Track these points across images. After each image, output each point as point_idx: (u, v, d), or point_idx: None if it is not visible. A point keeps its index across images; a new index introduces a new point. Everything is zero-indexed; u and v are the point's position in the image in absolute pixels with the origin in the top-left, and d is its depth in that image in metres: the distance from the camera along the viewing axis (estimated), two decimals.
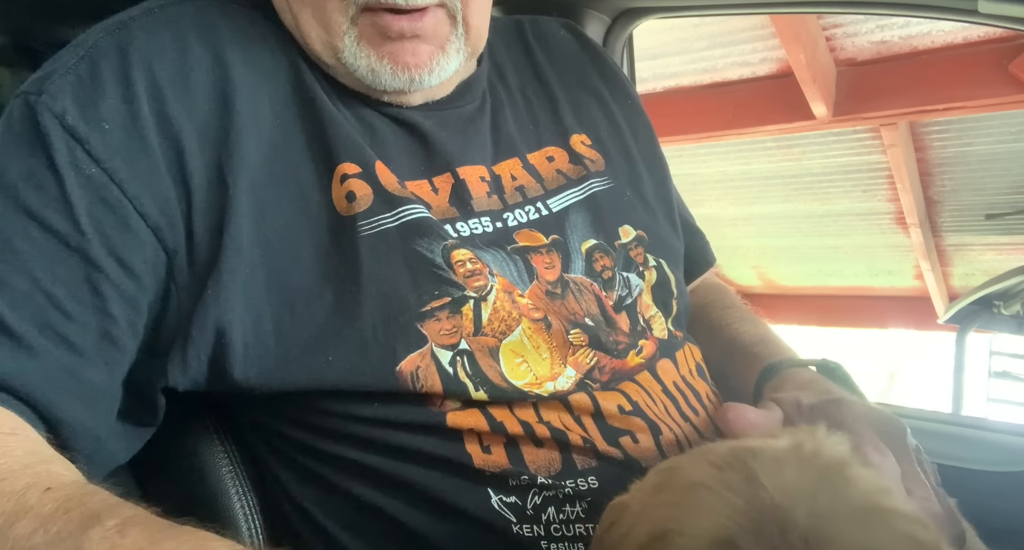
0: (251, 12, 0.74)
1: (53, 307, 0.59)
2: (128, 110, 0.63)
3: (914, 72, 3.22)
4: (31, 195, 0.60)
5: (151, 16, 0.68)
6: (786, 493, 0.41)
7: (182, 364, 0.64)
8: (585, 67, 0.94)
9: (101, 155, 0.61)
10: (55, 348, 0.59)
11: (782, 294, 6.03)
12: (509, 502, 0.64)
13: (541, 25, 0.96)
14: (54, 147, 0.61)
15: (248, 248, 0.64)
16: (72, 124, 0.61)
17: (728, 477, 0.43)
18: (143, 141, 0.63)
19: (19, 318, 0.58)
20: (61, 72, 0.63)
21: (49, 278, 0.59)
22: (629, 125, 0.92)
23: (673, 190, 0.96)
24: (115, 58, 0.64)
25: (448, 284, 0.67)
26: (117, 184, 0.61)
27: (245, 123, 0.66)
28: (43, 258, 0.59)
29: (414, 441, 0.66)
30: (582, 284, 0.75)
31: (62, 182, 0.60)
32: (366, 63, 0.70)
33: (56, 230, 0.60)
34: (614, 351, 0.73)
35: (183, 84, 0.65)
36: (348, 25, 0.69)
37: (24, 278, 0.59)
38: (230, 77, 0.67)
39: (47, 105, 0.61)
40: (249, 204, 0.65)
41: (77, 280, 0.60)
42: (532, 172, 0.81)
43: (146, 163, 0.63)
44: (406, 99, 0.76)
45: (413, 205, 0.69)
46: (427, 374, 0.64)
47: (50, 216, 0.60)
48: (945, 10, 1.06)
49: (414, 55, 0.70)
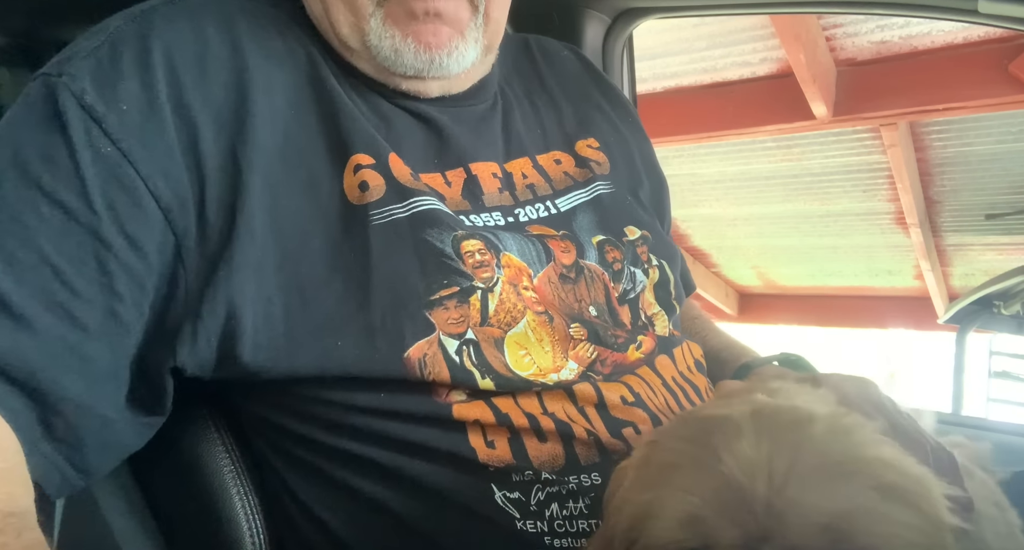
0: (271, 6, 0.76)
1: (59, 282, 0.60)
2: (146, 94, 0.64)
3: (914, 72, 3.22)
4: (45, 171, 0.61)
5: (172, 6, 0.70)
6: (744, 466, 0.42)
7: (192, 344, 0.64)
8: (588, 84, 0.98)
9: (117, 134, 0.62)
10: (59, 324, 0.59)
11: (782, 294, 6.04)
12: (513, 498, 0.65)
13: (545, 43, 1.01)
14: (71, 125, 0.61)
15: (260, 233, 0.65)
16: (90, 103, 0.62)
17: (697, 453, 0.44)
18: (159, 124, 0.64)
19: (24, 294, 0.58)
20: (82, 55, 0.65)
21: (57, 253, 0.60)
22: (633, 139, 0.96)
23: (668, 210, 1.00)
24: (135, 44, 0.66)
25: (457, 274, 0.68)
26: (131, 163, 0.62)
27: (260, 111, 0.68)
28: (52, 234, 0.60)
29: (419, 434, 0.66)
30: (595, 272, 0.78)
31: (77, 159, 0.61)
32: (390, 43, 0.73)
33: (67, 206, 0.61)
34: (613, 345, 0.74)
35: (200, 72, 0.67)
36: (374, 7, 0.72)
37: (32, 252, 0.59)
38: (247, 67, 0.69)
39: (66, 84, 0.62)
40: (262, 190, 0.66)
41: (85, 256, 0.61)
42: (541, 172, 0.83)
43: (161, 145, 0.64)
44: (423, 88, 0.78)
45: (425, 196, 0.71)
46: (434, 361, 0.65)
47: (62, 192, 0.60)
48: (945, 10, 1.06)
49: (435, 35, 0.73)
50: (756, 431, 0.44)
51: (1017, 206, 4.05)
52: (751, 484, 0.41)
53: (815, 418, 0.45)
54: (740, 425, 0.45)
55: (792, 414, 0.45)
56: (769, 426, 0.44)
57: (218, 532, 0.72)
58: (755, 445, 0.43)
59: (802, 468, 0.42)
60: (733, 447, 0.43)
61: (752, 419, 0.45)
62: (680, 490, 0.43)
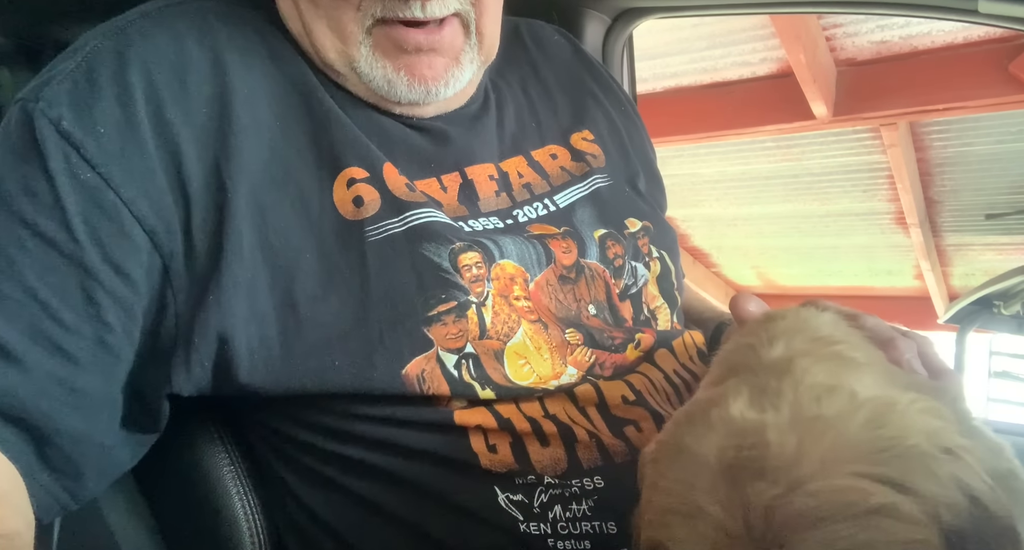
0: (252, 13, 0.73)
1: (47, 316, 0.59)
2: (124, 113, 0.62)
3: (914, 72, 3.22)
4: (25, 203, 0.59)
5: (148, 19, 0.67)
6: (725, 468, 0.42)
7: (186, 371, 0.64)
8: (580, 71, 0.96)
9: (96, 159, 0.60)
10: (49, 358, 0.58)
11: (782, 294, 6.03)
12: (516, 500, 0.64)
13: (536, 28, 0.97)
14: (49, 153, 0.60)
15: (248, 252, 0.64)
16: (67, 129, 0.60)
17: (688, 499, 0.44)
18: (139, 145, 0.62)
19: (12, 329, 0.57)
20: (59, 78, 0.63)
21: (43, 287, 0.59)
22: (625, 127, 0.94)
23: (664, 198, 0.98)
24: (112, 62, 0.64)
25: (455, 288, 0.67)
26: (112, 188, 0.61)
27: (243, 125, 0.66)
28: (37, 267, 0.59)
29: (421, 440, 0.66)
30: (596, 270, 0.77)
31: (56, 189, 0.60)
32: (382, 74, 0.70)
33: (50, 238, 0.59)
34: (611, 347, 0.74)
35: (181, 87, 0.65)
36: (363, 35, 0.69)
37: (18, 287, 0.58)
38: (228, 79, 0.67)
39: (43, 111, 0.61)
40: (248, 207, 0.64)
41: (71, 288, 0.60)
42: (538, 169, 0.82)
43: (142, 167, 0.62)
44: (419, 111, 0.76)
45: (421, 208, 0.69)
46: (432, 377, 0.65)
47: (44, 224, 0.59)
48: (945, 10, 1.06)
49: (430, 68, 0.71)
50: (713, 426, 0.44)
51: (1017, 206, 4.05)
52: (738, 488, 0.41)
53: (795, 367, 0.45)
54: (709, 423, 0.45)
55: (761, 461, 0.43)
56: (724, 417, 0.44)
57: (218, 532, 0.72)
58: (722, 439, 0.43)
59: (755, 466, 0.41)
60: (707, 448, 0.43)
61: (716, 414, 0.45)
62: (695, 518, 0.43)
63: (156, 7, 0.69)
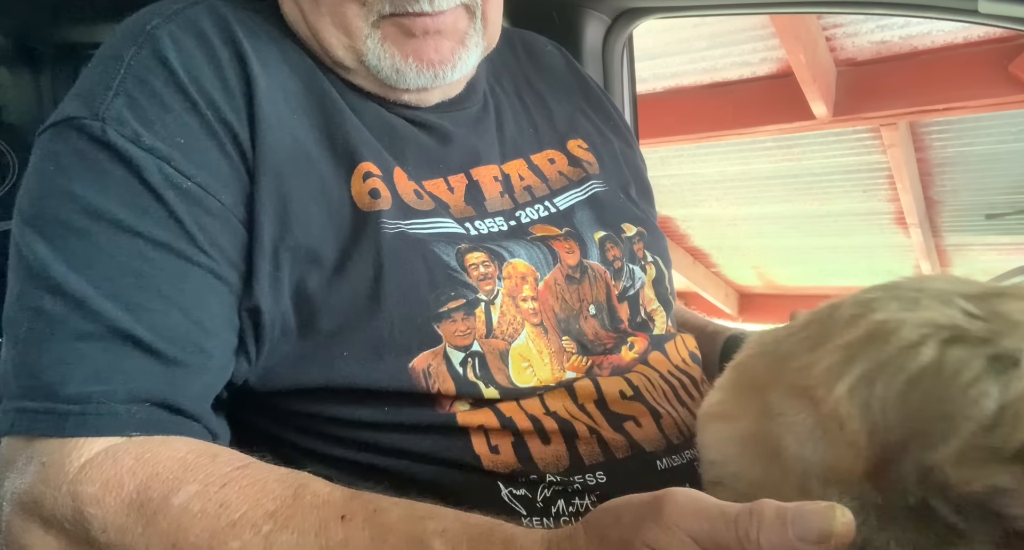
0: (258, 12, 0.74)
1: (192, 324, 0.61)
2: (195, 121, 0.64)
3: (914, 72, 3.22)
4: (138, 219, 0.60)
5: (172, 22, 0.68)
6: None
7: (247, 363, 0.67)
8: (571, 83, 0.98)
9: (188, 170, 0.62)
10: (204, 365, 0.61)
11: (782, 294, 6.03)
12: (519, 495, 0.65)
13: (528, 38, 1.00)
14: (143, 168, 0.61)
15: (270, 242, 0.65)
16: (150, 145, 0.62)
17: None
18: (220, 151, 0.64)
19: (166, 341, 0.59)
20: (110, 94, 0.63)
21: (180, 296, 0.60)
22: (616, 140, 0.96)
23: (654, 210, 1.00)
24: (160, 71, 0.65)
25: (463, 286, 0.68)
26: (213, 195, 0.63)
27: (267, 116, 0.67)
28: (168, 277, 0.60)
29: (424, 443, 0.66)
30: (597, 271, 0.78)
31: (164, 202, 0.61)
32: (390, 63, 0.71)
33: (175, 248, 0.61)
34: (603, 351, 0.75)
35: (224, 85, 0.66)
36: (370, 29, 0.70)
37: (157, 299, 0.60)
38: (251, 71, 0.68)
39: (118, 131, 0.61)
40: (270, 200, 0.65)
41: (205, 295, 0.62)
42: (537, 173, 0.83)
43: (228, 173, 0.64)
44: (425, 98, 0.77)
45: (427, 218, 0.71)
46: (438, 372, 0.65)
47: (164, 236, 0.61)
48: (945, 10, 1.06)
49: (437, 51, 0.72)
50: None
51: (1017, 206, 4.05)
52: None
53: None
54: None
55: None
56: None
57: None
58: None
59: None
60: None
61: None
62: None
63: (172, 9, 0.69)
